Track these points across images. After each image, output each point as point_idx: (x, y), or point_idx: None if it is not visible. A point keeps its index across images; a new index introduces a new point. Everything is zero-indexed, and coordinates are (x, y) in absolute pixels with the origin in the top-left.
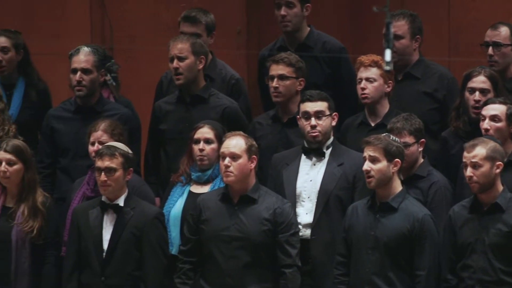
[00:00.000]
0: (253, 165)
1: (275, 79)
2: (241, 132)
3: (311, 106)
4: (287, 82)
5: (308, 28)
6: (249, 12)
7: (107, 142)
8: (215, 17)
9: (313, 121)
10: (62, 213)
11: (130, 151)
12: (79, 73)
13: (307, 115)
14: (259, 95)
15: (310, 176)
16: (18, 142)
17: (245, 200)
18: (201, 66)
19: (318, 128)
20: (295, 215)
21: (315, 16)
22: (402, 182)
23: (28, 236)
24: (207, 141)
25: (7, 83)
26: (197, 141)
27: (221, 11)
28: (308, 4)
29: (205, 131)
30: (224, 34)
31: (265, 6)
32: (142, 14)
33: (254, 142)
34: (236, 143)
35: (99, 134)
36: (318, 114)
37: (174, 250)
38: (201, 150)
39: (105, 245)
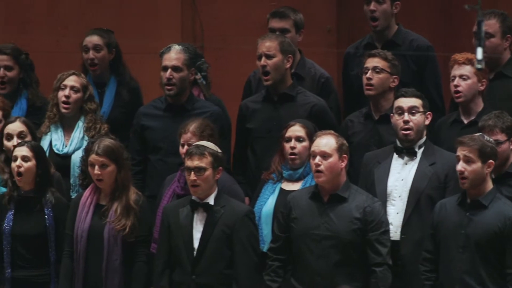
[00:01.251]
0: (343, 164)
1: (369, 71)
2: (332, 131)
3: (405, 102)
4: (381, 75)
5: (396, 26)
6: (340, 10)
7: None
8: (305, 15)
9: (406, 116)
10: (153, 210)
11: (219, 150)
12: (169, 70)
13: (401, 111)
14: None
15: (401, 175)
16: (109, 142)
17: (335, 198)
18: (288, 65)
19: (411, 123)
20: (385, 213)
21: (406, 14)
22: (493, 181)
23: (120, 234)
24: (299, 139)
25: (99, 82)
26: (289, 139)
27: (311, 9)
28: (397, 2)
29: (296, 129)
30: (314, 32)
31: (355, 4)
32: (232, 13)
33: (344, 141)
34: (326, 142)
35: (188, 136)
36: (412, 110)
37: (266, 247)
38: (293, 148)
39: (196, 244)
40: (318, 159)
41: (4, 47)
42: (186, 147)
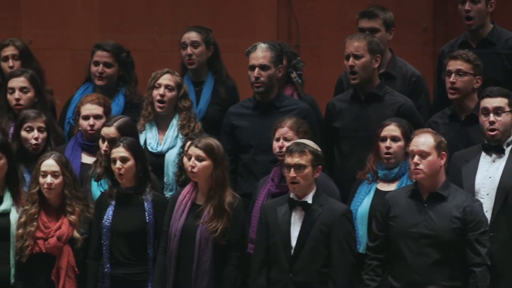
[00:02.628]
0: (442, 162)
1: (453, 75)
2: (430, 129)
3: (490, 102)
4: (464, 78)
5: (491, 25)
6: (436, 8)
7: (292, 139)
8: (401, 13)
9: (491, 117)
10: (245, 209)
11: (319, 149)
12: (257, 69)
13: (486, 111)
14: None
15: (489, 173)
16: (211, 140)
17: (434, 197)
18: (376, 65)
19: (496, 124)
20: (484, 213)
21: (501, 13)
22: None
23: (211, 236)
24: (394, 138)
25: (197, 79)
26: (384, 139)
27: (407, 8)
28: (492, 1)
29: (392, 129)
30: (410, 31)
31: (452, 2)
32: (328, 12)
33: (443, 138)
34: (424, 140)
35: (285, 130)
36: (497, 110)
37: (361, 248)
38: (388, 147)
39: (293, 242)
40: (416, 158)
41: (105, 44)
42: (281, 141)
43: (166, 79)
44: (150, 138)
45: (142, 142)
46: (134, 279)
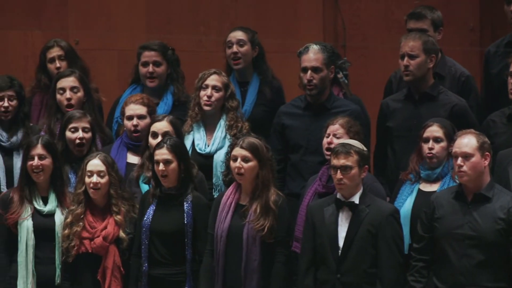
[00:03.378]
0: (486, 162)
1: None
2: (472, 130)
3: None
4: None
5: None
6: (483, 8)
7: (341, 137)
8: (448, 13)
9: None
10: (294, 209)
11: (365, 149)
12: (309, 72)
13: None
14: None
15: None
16: (255, 140)
17: (479, 198)
18: (431, 65)
19: None
20: None
21: None
22: None
23: (258, 234)
24: (436, 139)
25: (242, 80)
26: (426, 140)
27: (454, 7)
28: None
29: (434, 130)
30: (457, 31)
31: (498, 2)
32: (374, 12)
33: (486, 139)
34: (467, 141)
35: (336, 127)
36: None
37: (405, 249)
38: (430, 148)
39: (341, 243)
40: (460, 160)
41: (152, 43)
42: (331, 137)
43: (213, 79)
44: (198, 139)
45: (189, 143)
46: (171, 279)
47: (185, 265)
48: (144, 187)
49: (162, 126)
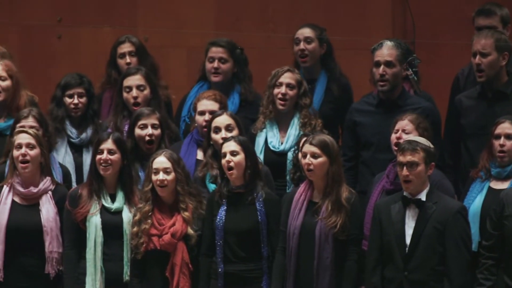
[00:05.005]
0: None
1: None
2: None
3: None
4: None
5: None
6: None
7: (410, 132)
8: None
9: None
10: (363, 206)
11: (431, 146)
12: (382, 66)
13: None
14: None
15: None
16: (325, 137)
17: None
18: (504, 62)
19: None
20: None
21: None
22: None
23: (331, 232)
24: (508, 136)
25: (310, 77)
26: (498, 137)
27: None
28: None
29: (506, 127)
30: None
31: None
32: (444, 9)
33: None
34: None
35: (405, 123)
36: None
37: (473, 246)
38: (502, 145)
39: (408, 240)
40: None
41: (220, 40)
42: (400, 133)
43: (287, 77)
44: (272, 137)
45: (262, 140)
46: (248, 275)
47: (260, 262)
48: (212, 187)
49: (223, 119)
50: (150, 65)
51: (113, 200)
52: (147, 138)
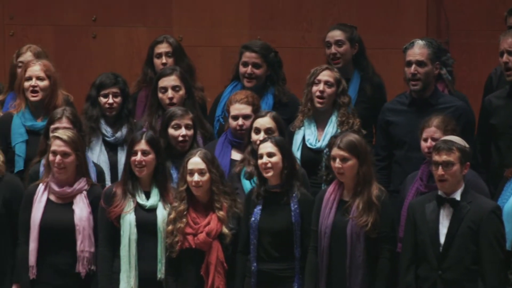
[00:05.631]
0: None
1: None
2: None
3: None
4: None
5: None
6: None
7: (439, 138)
8: None
9: None
10: (396, 206)
11: (467, 145)
12: (413, 66)
13: None
14: None
15: None
16: (352, 137)
17: None
18: None
19: None
20: None
21: None
22: None
23: (362, 230)
24: None
25: (343, 77)
26: None
27: None
28: None
29: None
30: None
31: None
32: (479, 7)
33: None
34: None
35: (433, 130)
36: None
37: (508, 245)
38: None
39: (442, 239)
40: None
41: (253, 44)
42: (429, 141)
43: (325, 75)
44: (309, 134)
45: (300, 138)
46: (280, 274)
47: (293, 262)
48: (245, 183)
49: (265, 122)
50: (187, 66)
51: (147, 197)
52: (180, 138)
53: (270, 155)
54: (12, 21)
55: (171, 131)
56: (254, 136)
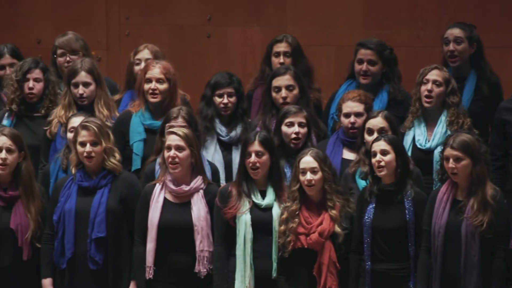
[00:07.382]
0: None
1: None
2: None
3: None
4: None
5: None
6: None
7: None
8: None
9: None
10: (511, 205)
11: None
12: None
13: None
14: None
15: None
16: (465, 137)
17: None
18: None
19: None
20: None
21: None
22: None
23: (477, 230)
24: None
25: (459, 76)
26: None
27: None
28: None
29: None
30: None
31: None
32: None
33: None
34: None
35: None
36: None
37: None
38: None
39: None
40: None
41: (369, 41)
42: None
43: (434, 74)
44: (419, 135)
45: (410, 138)
46: (395, 274)
47: (408, 261)
48: (361, 183)
49: (377, 122)
50: (305, 67)
51: (263, 196)
52: (293, 136)
53: (383, 153)
54: (128, 21)
55: (284, 128)
56: (367, 137)
